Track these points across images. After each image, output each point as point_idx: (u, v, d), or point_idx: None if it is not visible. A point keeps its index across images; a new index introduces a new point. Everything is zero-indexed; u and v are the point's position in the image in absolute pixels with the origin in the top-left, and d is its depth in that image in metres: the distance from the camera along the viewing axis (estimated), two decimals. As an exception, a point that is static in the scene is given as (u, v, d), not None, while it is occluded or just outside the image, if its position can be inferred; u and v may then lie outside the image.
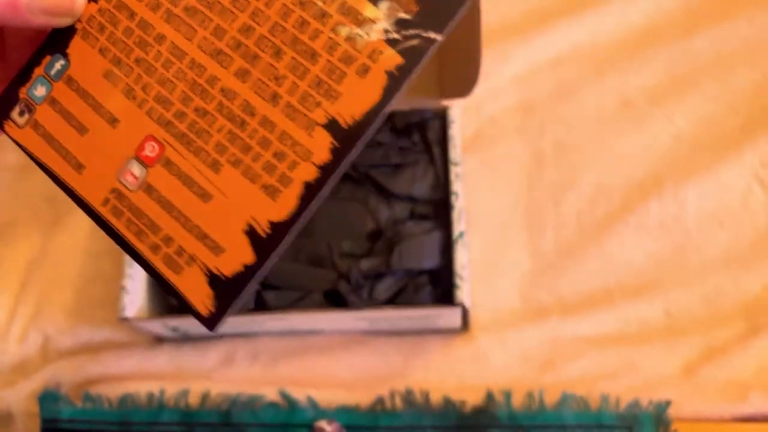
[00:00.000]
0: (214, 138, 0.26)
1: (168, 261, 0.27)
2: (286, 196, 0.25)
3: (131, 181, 0.27)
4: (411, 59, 0.25)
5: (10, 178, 0.61)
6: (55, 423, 0.51)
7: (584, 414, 0.48)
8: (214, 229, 0.26)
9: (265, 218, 0.26)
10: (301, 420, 0.49)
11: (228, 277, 0.26)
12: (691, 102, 0.58)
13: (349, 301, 0.49)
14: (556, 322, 0.53)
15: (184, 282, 0.26)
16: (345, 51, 0.25)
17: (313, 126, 0.25)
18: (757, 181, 0.55)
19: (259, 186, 0.26)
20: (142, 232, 0.27)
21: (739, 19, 0.60)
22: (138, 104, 0.27)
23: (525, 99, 0.60)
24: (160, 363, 0.53)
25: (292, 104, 0.26)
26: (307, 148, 0.25)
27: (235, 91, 0.26)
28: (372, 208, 0.53)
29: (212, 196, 0.26)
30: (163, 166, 0.27)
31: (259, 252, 0.26)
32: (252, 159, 0.26)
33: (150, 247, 0.27)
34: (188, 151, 0.27)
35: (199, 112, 0.27)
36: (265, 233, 0.25)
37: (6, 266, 0.58)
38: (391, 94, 0.25)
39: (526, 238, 0.55)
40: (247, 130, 0.26)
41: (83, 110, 0.28)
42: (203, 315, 0.26)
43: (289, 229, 0.25)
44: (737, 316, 0.52)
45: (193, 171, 0.27)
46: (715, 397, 0.49)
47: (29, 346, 0.56)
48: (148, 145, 0.27)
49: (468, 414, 0.49)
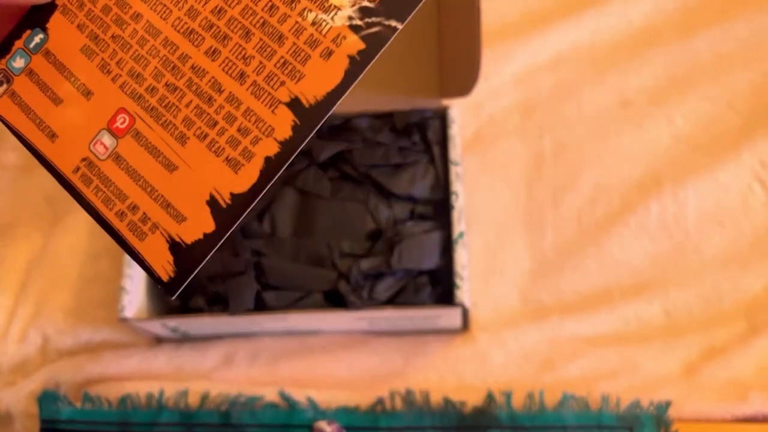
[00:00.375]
0: (182, 112, 0.28)
1: (133, 228, 0.28)
2: (248, 169, 0.27)
3: (101, 151, 0.28)
4: (372, 45, 0.26)
5: (10, 178, 0.61)
6: (54, 423, 0.51)
7: (584, 414, 0.48)
8: (177, 199, 0.27)
9: (227, 190, 0.27)
10: (300, 421, 0.49)
11: (188, 244, 0.27)
12: (691, 102, 0.58)
13: (349, 301, 0.49)
14: (556, 322, 0.53)
15: (147, 248, 0.28)
16: (311, 35, 0.27)
17: (276, 104, 0.27)
18: (757, 180, 0.55)
19: (223, 159, 0.27)
20: (110, 199, 0.28)
21: (738, 19, 0.60)
22: (112, 78, 0.29)
23: (525, 99, 0.60)
24: (159, 363, 0.53)
25: (258, 83, 0.27)
26: (270, 124, 0.27)
27: (204, 69, 0.28)
28: (372, 208, 0.53)
29: (177, 167, 0.27)
30: (133, 138, 0.28)
31: (219, 221, 0.27)
32: (217, 133, 0.27)
33: (116, 214, 0.28)
34: (157, 124, 0.28)
35: (170, 87, 0.28)
36: (226, 204, 0.27)
37: (6, 266, 0.58)
38: (353, 77, 0.26)
39: (525, 238, 0.55)
40: (213, 106, 0.27)
41: (59, 82, 0.29)
42: (164, 280, 0.27)
43: (249, 201, 0.27)
44: (737, 316, 0.52)
45: (160, 143, 0.28)
46: (715, 398, 0.49)
47: (28, 347, 0.56)
48: (120, 117, 0.28)
49: (468, 414, 0.49)
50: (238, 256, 0.51)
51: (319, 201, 0.53)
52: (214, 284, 0.51)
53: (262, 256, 0.51)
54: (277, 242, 0.52)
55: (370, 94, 0.54)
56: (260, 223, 0.53)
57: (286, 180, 0.54)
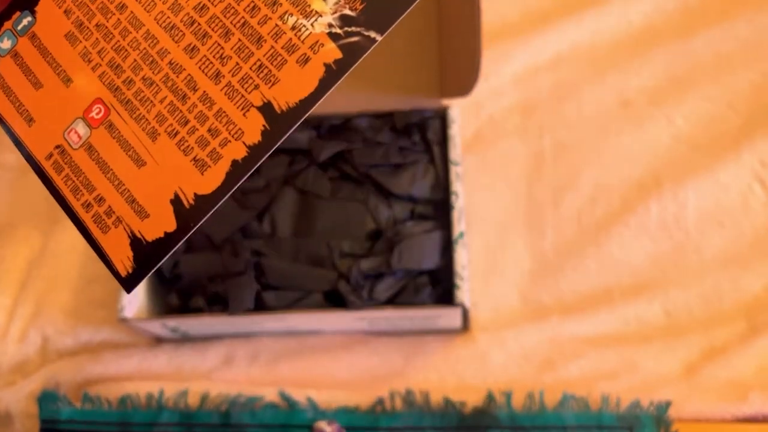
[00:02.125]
0: (156, 108, 0.28)
1: (97, 220, 0.28)
2: (214, 171, 0.27)
3: (75, 140, 0.29)
4: (350, 55, 0.26)
5: (9, 178, 0.61)
6: (54, 423, 0.51)
7: (585, 415, 0.48)
8: (142, 195, 0.28)
9: (192, 190, 0.27)
10: (300, 421, 0.49)
11: (149, 241, 0.27)
12: (691, 102, 0.58)
13: (349, 302, 0.49)
14: (556, 322, 0.53)
15: (109, 242, 0.28)
16: (289, 39, 0.27)
17: (248, 107, 0.27)
18: (757, 180, 0.55)
19: (191, 159, 0.27)
20: (78, 189, 0.28)
21: (738, 19, 0.60)
22: (92, 67, 0.29)
23: (525, 99, 0.60)
24: (159, 363, 0.53)
25: (233, 84, 0.27)
26: (240, 127, 0.27)
27: (182, 66, 0.28)
28: (372, 208, 0.53)
29: (146, 163, 0.28)
30: (106, 129, 0.28)
31: (180, 221, 0.27)
32: (188, 132, 0.27)
33: (83, 205, 0.28)
34: (131, 117, 0.28)
35: (146, 81, 0.28)
36: (189, 204, 0.27)
37: (5, 266, 0.58)
38: (327, 86, 0.26)
39: (525, 238, 0.55)
40: (187, 104, 0.27)
41: (41, 67, 0.29)
42: (122, 275, 0.27)
43: (212, 203, 0.27)
44: (737, 316, 0.52)
45: (132, 137, 0.28)
46: (715, 398, 0.49)
47: (28, 347, 0.56)
48: (95, 108, 0.29)
49: (468, 415, 0.49)
50: (238, 256, 0.51)
51: (319, 201, 0.53)
52: (214, 284, 0.51)
53: (262, 256, 0.51)
54: (277, 242, 0.52)
55: (370, 93, 0.54)
56: (260, 223, 0.53)
57: (286, 180, 0.54)
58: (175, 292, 0.52)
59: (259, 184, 0.54)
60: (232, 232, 0.53)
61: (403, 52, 0.55)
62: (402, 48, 0.55)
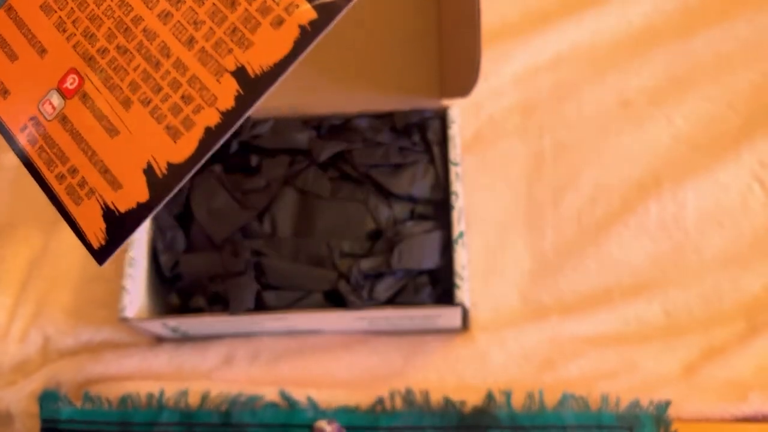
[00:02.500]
0: (129, 76, 0.28)
1: (70, 191, 0.28)
2: (187, 138, 0.26)
3: (49, 111, 0.29)
4: (325, 16, 0.26)
5: (10, 178, 0.61)
6: (54, 423, 0.51)
7: (584, 414, 0.48)
8: (115, 165, 0.27)
9: (165, 159, 0.27)
10: (300, 420, 0.50)
11: (121, 212, 0.27)
12: (690, 102, 0.58)
13: (349, 301, 0.49)
14: (555, 322, 0.53)
15: (82, 213, 0.28)
16: (263, 1, 0.26)
17: (222, 72, 0.26)
18: (756, 180, 0.55)
19: (164, 126, 0.27)
20: (52, 161, 0.28)
21: (738, 19, 0.60)
22: (67, 37, 0.29)
23: (525, 99, 0.60)
24: (160, 363, 0.53)
25: (206, 49, 0.27)
26: (214, 93, 0.26)
27: (155, 32, 0.27)
28: (372, 208, 0.53)
29: (119, 132, 0.27)
30: (80, 99, 0.28)
31: (153, 191, 0.27)
32: (161, 99, 0.27)
33: (56, 177, 0.28)
34: (105, 86, 0.28)
35: (120, 49, 0.28)
36: (162, 174, 0.27)
37: (6, 266, 0.58)
38: (301, 48, 0.26)
39: (525, 238, 0.55)
40: (160, 71, 0.27)
41: (17, 39, 0.29)
42: (94, 247, 0.27)
43: (185, 172, 0.26)
44: (737, 316, 0.52)
45: (105, 106, 0.28)
46: (714, 397, 0.49)
47: (29, 346, 0.56)
48: (70, 78, 0.28)
49: (468, 414, 0.49)
50: (239, 256, 0.51)
51: (319, 201, 0.53)
52: (215, 284, 0.51)
53: (262, 256, 0.51)
54: (277, 242, 0.52)
55: (370, 94, 0.55)
56: (260, 223, 0.53)
57: (286, 180, 0.54)
58: (176, 291, 0.52)
59: (259, 184, 0.54)
60: (232, 232, 0.53)
61: (403, 53, 0.55)
62: (402, 48, 0.55)
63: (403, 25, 0.55)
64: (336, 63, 0.55)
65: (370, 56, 0.55)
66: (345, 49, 0.55)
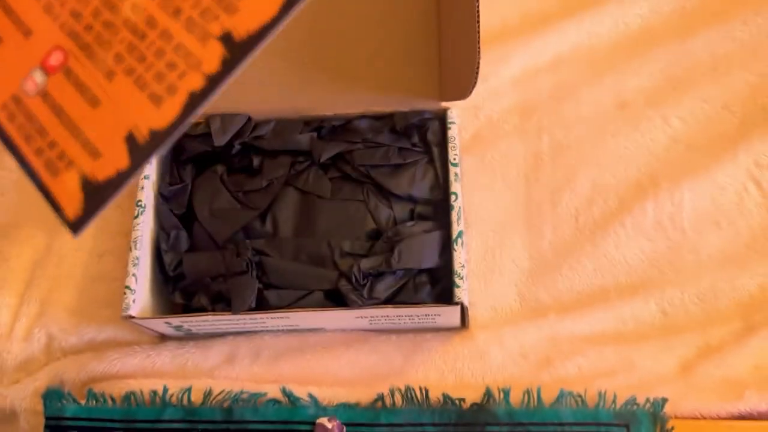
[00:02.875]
0: (114, 49, 0.27)
1: (48, 164, 0.28)
2: (170, 104, 0.26)
3: (31, 88, 0.28)
4: None
5: (14, 178, 0.62)
6: (58, 421, 0.52)
7: (581, 411, 0.49)
8: (96, 134, 0.27)
9: (147, 126, 0.26)
10: (302, 417, 0.50)
11: (100, 181, 0.27)
12: (687, 103, 0.59)
13: (350, 300, 0.49)
14: (553, 321, 0.53)
15: (59, 185, 0.27)
16: None
17: (208, 38, 0.26)
18: (753, 181, 0.56)
19: (147, 94, 0.27)
20: (31, 136, 0.28)
21: (734, 21, 0.61)
22: (53, 18, 0.28)
23: (523, 100, 0.60)
24: (163, 361, 0.54)
25: (193, 18, 0.26)
26: (198, 57, 0.26)
27: (142, 7, 0.27)
28: (372, 208, 0.53)
29: (101, 102, 0.27)
30: (63, 75, 0.28)
31: (133, 158, 0.26)
32: (145, 68, 0.27)
33: (35, 151, 0.28)
34: (89, 60, 0.28)
35: (106, 24, 0.28)
36: (143, 140, 0.26)
37: (11, 266, 0.58)
38: (289, 7, 0.25)
39: (524, 238, 0.56)
40: (146, 42, 0.27)
41: (3, 22, 0.29)
42: (70, 220, 0.27)
43: (167, 137, 0.26)
44: (733, 315, 0.52)
45: (89, 79, 0.27)
46: (711, 395, 0.49)
47: (33, 345, 0.56)
48: (54, 55, 0.28)
49: (467, 411, 0.49)
50: (240, 256, 0.51)
51: (319, 201, 0.54)
52: (217, 283, 0.51)
53: (263, 255, 0.52)
54: (278, 242, 0.53)
55: (370, 95, 0.55)
56: (262, 223, 0.54)
57: (287, 180, 0.55)
58: (179, 291, 0.53)
59: (261, 184, 0.54)
60: (234, 231, 0.53)
61: (403, 55, 0.55)
62: (402, 50, 0.55)
63: (403, 27, 0.55)
64: (337, 65, 0.55)
65: (371, 58, 0.55)
66: (345, 52, 0.55)
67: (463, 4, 0.45)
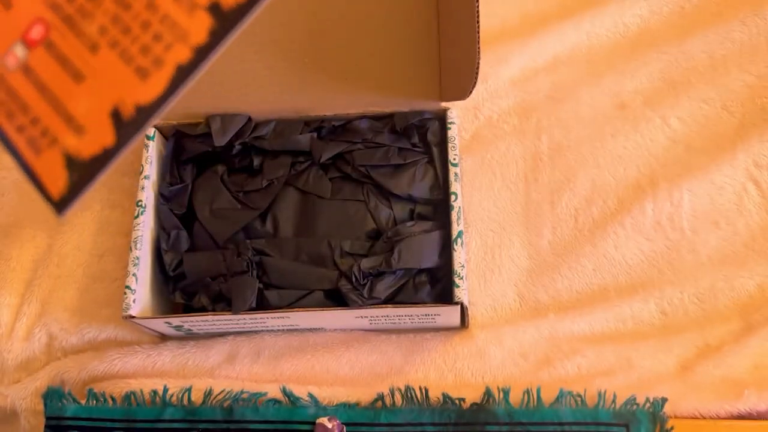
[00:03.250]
0: (98, 20, 0.26)
1: (31, 142, 0.27)
2: (156, 78, 0.25)
3: (12, 63, 0.27)
4: None
5: (15, 178, 0.62)
6: (59, 420, 0.52)
7: (581, 411, 0.49)
8: (81, 111, 0.26)
9: (133, 101, 0.25)
10: (302, 417, 0.50)
11: (85, 159, 0.26)
12: (686, 104, 0.59)
13: (350, 300, 0.49)
14: (553, 321, 0.53)
15: (42, 164, 0.27)
16: None
17: (195, 8, 0.25)
18: (751, 181, 0.56)
19: (133, 68, 0.26)
20: (12, 113, 0.27)
21: (733, 22, 0.61)
22: None
23: (522, 101, 0.61)
24: (163, 361, 0.54)
25: None
26: (185, 29, 0.25)
27: None
28: (372, 208, 0.53)
29: (85, 77, 0.26)
30: (45, 48, 0.27)
31: (119, 135, 0.26)
32: (130, 41, 0.26)
33: (17, 129, 0.27)
34: (71, 33, 0.27)
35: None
36: (129, 116, 0.25)
37: (12, 265, 0.59)
38: None
39: (523, 238, 0.56)
40: (131, 13, 0.26)
41: None
42: (54, 199, 0.26)
43: (153, 112, 0.25)
44: (732, 315, 0.52)
45: (72, 53, 0.26)
46: (710, 395, 0.49)
47: (34, 345, 0.56)
48: (35, 28, 0.27)
49: (467, 411, 0.50)
50: (241, 256, 0.51)
51: (320, 201, 0.54)
52: (217, 283, 0.51)
53: (264, 255, 0.52)
54: (278, 242, 0.53)
55: (370, 96, 0.55)
56: (262, 223, 0.54)
57: (287, 180, 0.55)
58: (179, 290, 0.53)
59: (261, 184, 0.54)
60: (234, 231, 0.53)
61: (403, 56, 0.55)
62: (402, 51, 0.55)
63: (403, 28, 0.55)
64: (337, 66, 0.55)
65: (371, 59, 0.55)
66: (345, 52, 0.55)
67: (463, 5, 0.45)
